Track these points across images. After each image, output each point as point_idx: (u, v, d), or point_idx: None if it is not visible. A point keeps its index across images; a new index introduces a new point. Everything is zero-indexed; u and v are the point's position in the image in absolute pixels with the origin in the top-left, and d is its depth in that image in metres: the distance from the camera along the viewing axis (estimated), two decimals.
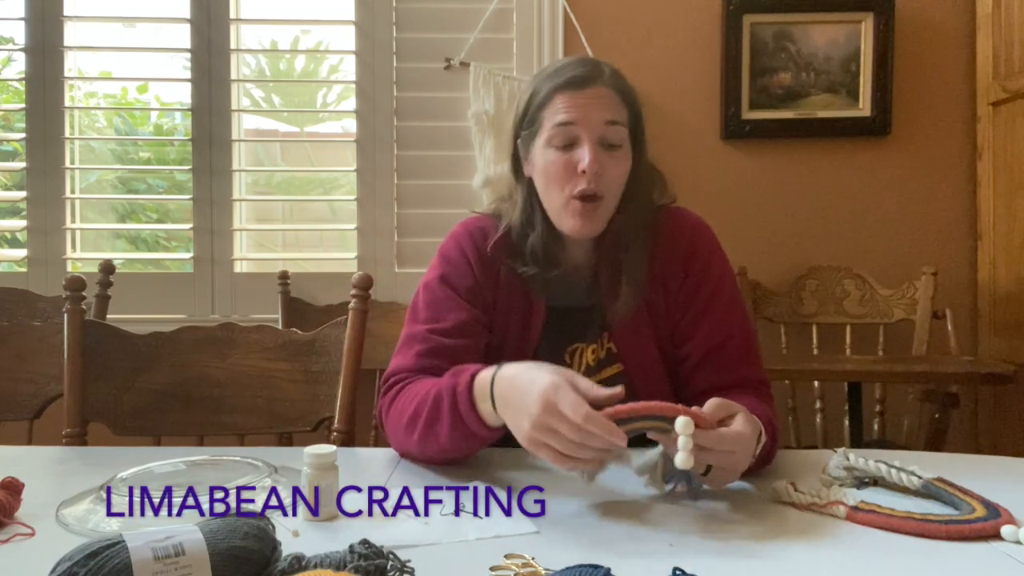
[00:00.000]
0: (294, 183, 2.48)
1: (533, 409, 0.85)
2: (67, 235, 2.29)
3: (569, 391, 0.84)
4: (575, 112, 1.07)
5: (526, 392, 0.88)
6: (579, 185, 1.08)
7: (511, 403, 0.90)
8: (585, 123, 1.07)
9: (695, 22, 2.31)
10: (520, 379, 0.90)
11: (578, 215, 1.09)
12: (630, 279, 1.12)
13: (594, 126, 1.07)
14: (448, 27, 2.28)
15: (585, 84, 1.08)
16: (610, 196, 1.11)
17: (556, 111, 1.09)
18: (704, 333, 1.13)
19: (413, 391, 1.06)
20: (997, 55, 2.20)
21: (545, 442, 0.85)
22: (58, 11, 2.26)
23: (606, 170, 1.08)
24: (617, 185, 1.11)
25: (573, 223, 1.10)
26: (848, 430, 2.00)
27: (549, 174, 1.10)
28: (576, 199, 1.08)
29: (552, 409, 0.84)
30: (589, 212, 1.09)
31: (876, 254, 2.31)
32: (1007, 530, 0.80)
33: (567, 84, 1.09)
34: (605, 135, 1.08)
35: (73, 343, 1.34)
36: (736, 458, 0.88)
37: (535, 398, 0.85)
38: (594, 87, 1.09)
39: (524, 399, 0.87)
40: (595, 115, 1.07)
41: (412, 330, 1.16)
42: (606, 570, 0.64)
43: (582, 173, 1.07)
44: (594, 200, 1.09)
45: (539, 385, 0.86)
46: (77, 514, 0.85)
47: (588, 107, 1.07)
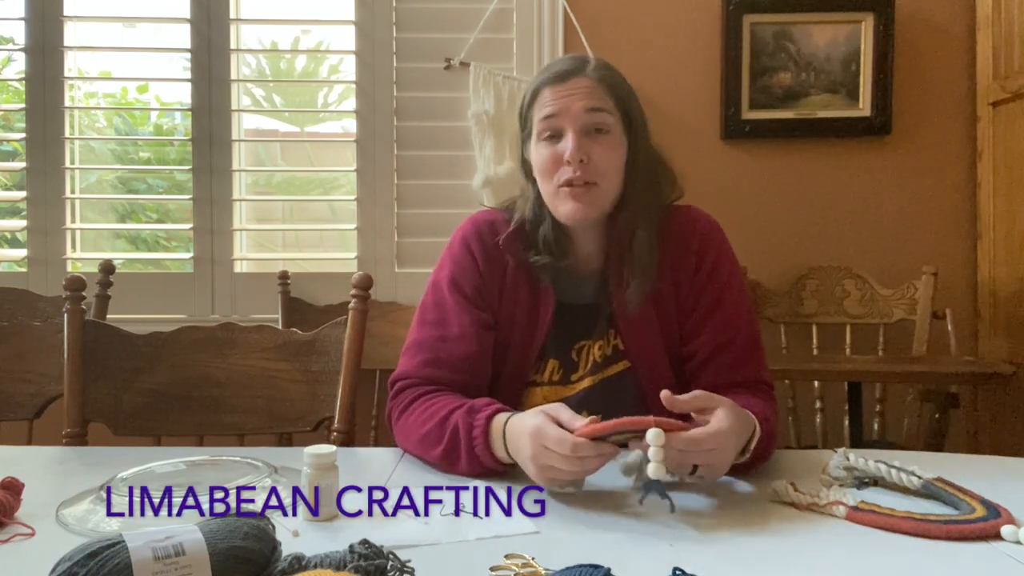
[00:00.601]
0: (294, 183, 2.48)
1: (528, 452, 0.91)
2: (67, 235, 2.29)
3: (551, 428, 0.90)
4: (557, 104, 1.11)
5: (519, 438, 0.94)
6: (565, 174, 1.11)
7: (514, 450, 0.96)
8: (566, 113, 1.11)
9: (695, 22, 2.31)
10: (514, 429, 0.96)
11: (570, 199, 1.12)
12: (637, 268, 1.13)
13: (576, 115, 1.10)
14: (448, 27, 2.28)
15: (566, 77, 1.12)
16: (605, 181, 1.12)
17: (541, 106, 1.13)
18: (711, 331, 1.14)
19: (427, 411, 1.08)
20: (997, 55, 2.20)
21: (551, 477, 0.91)
22: (58, 11, 2.26)
23: (593, 155, 1.10)
24: (610, 169, 1.12)
25: (565, 208, 1.12)
26: (848, 430, 2.00)
27: (540, 167, 1.14)
28: (564, 187, 1.11)
29: (541, 449, 0.90)
30: (581, 195, 1.11)
31: (876, 254, 2.31)
32: (1007, 530, 0.80)
33: (550, 79, 1.13)
34: (588, 123, 1.11)
35: (73, 343, 1.34)
36: (717, 455, 0.89)
37: (527, 443, 0.92)
38: (575, 79, 1.12)
39: (520, 446, 0.94)
40: (576, 104, 1.10)
41: (419, 335, 1.18)
42: (606, 570, 0.64)
43: (567, 163, 1.10)
44: (585, 186, 1.10)
45: (527, 431, 0.92)
46: (77, 514, 0.85)
47: (569, 98, 1.11)
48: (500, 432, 0.98)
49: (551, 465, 0.89)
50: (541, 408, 0.95)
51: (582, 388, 1.16)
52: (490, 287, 1.18)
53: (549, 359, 1.17)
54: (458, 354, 1.14)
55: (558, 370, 1.17)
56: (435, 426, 1.04)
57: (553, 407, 0.94)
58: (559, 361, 1.17)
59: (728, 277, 1.17)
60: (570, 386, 1.17)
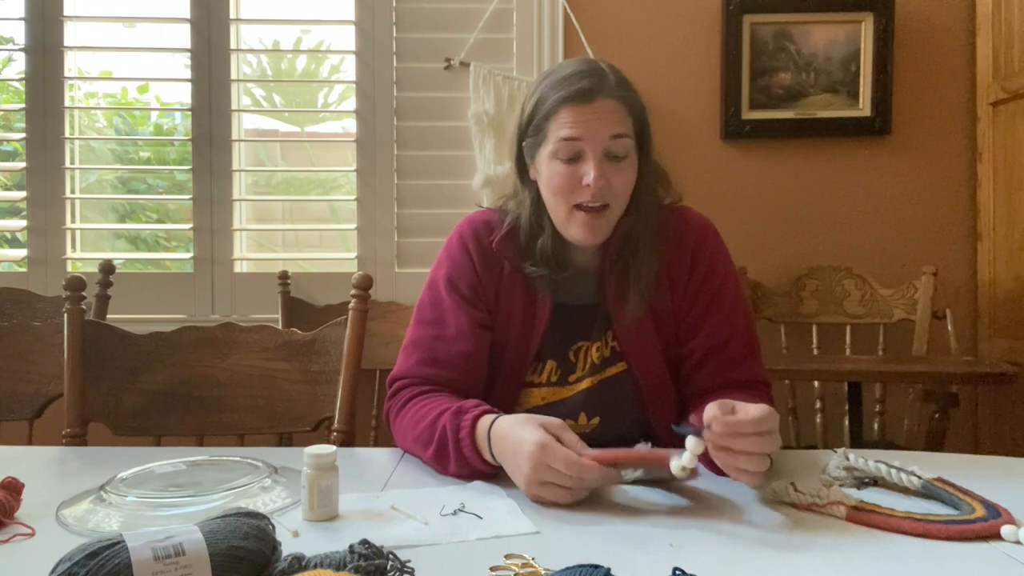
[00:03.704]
0: (294, 183, 2.48)
1: (525, 469, 0.90)
2: (67, 235, 2.29)
3: (559, 448, 0.88)
4: (580, 128, 1.07)
5: (516, 452, 0.92)
6: (582, 197, 1.09)
7: (505, 458, 0.95)
8: (591, 139, 1.08)
9: (695, 22, 2.31)
10: (508, 439, 0.94)
11: (583, 225, 1.10)
12: (638, 283, 1.13)
13: (599, 141, 1.08)
14: (448, 27, 2.28)
15: (591, 97, 1.08)
16: (615, 204, 1.12)
17: (561, 125, 1.09)
18: (706, 332, 1.14)
19: (419, 411, 1.08)
20: (997, 55, 2.20)
21: (542, 495, 0.90)
22: (58, 11, 2.26)
23: (611, 181, 1.09)
24: (623, 194, 1.12)
25: (578, 233, 1.12)
26: (848, 430, 2.00)
27: (553, 185, 1.11)
28: (579, 210, 1.10)
29: (543, 468, 0.88)
30: (593, 221, 1.10)
31: (876, 254, 2.31)
32: (1007, 530, 0.80)
33: (573, 97, 1.08)
34: (610, 149, 1.09)
35: (73, 343, 1.34)
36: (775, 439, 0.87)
37: (525, 459, 0.90)
38: (600, 100, 1.08)
39: (516, 459, 0.92)
40: (601, 130, 1.07)
41: (417, 334, 1.18)
42: (606, 570, 0.64)
43: (586, 187, 1.08)
44: (599, 210, 1.10)
45: (527, 447, 0.90)
46: (77, 514, 0.85)
47: (593, 122, 1.07)
48: (485, 434, 0.98)
49: (549, 483, 0.89)
50: (540, 422, 0.92)
51: (581, 389, 1.16)
52: (487, 287, 1.18)
53: (547, 360, 1.17)
54: (455, 353, 1.14)
55: (556, 371, 1.17)
56: (426, 427, 1.04)
57: (553, 424, 0.93)
58: (557, 362, 1.17)
59: (723, 277, 1.17)
60: (568, 387, 1.16)
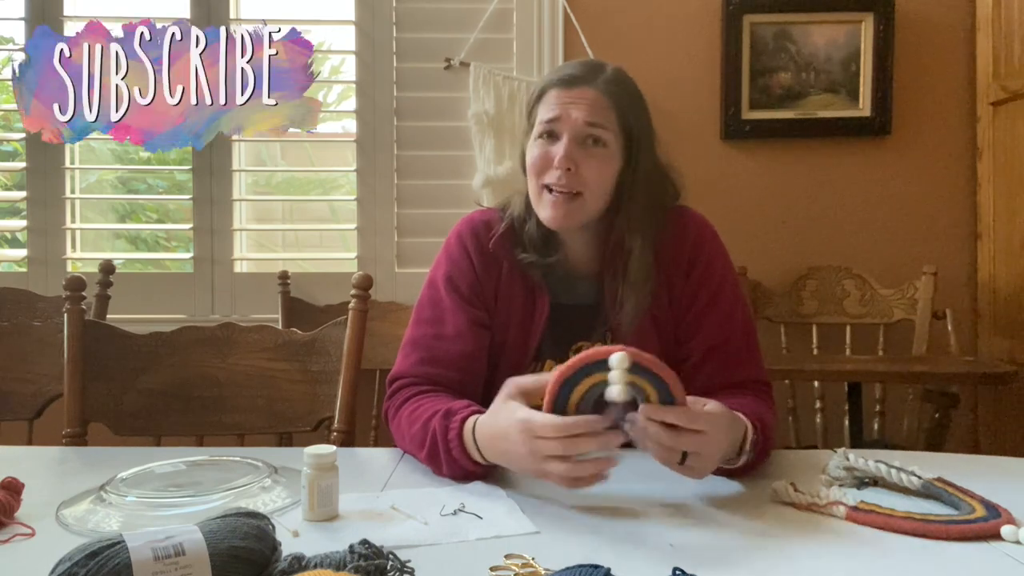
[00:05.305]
0: (294, 183, 2.48)
1: (522, 449, 0.89)
2: (67, 235, 2.29)
3: (538, 417, 0.87)
4: (559, 108, 1.11)
5: (505, 443, 0.92)
6: (551, 178, 1.11)
7: (500, 451, 0.94)
8: (566, 120, 1.11)
9: (695, 22, 2.30)
10: (495, 437, 0.94)
11: (550, 206, 1.12)
12: (634, 286, 1.12)
13: (573, 123, 1.10)
14: (448, 27, 2.28)
15: (574, 83, 1.12)
16: (589, 194, 1.12)
17: (545, 107, 1.13)
18: (705, 332, 1.14)
19: (414, 412, 1.08)
20: (997, 55, 2.20)
21: (547, 469, 0.88)
22: (58, 11, 2.26)
23: (582, 166, 1.10)
24: (595, 184, 1.12)
25: (545, 213, 1.13)
26: (848, 430, 2.00)
27: (530, 163, 1.15)
28: (547, 190, 1.12)
29: (533, 439, 0.87)
30: (562, 204, 1.11)
31: (876, 254, 2.31)
32: (1007, 530, 0.80)
33: (559, 82, 1.13)
34: (584, 134, 1.10)
35: (73, 343, 1.33)
36: (708, 441, 0.86)
37: (516, 444, 0.89)
38: (582, 87, 1.11)
39: (508, 449, 0.91)
40: (576, 114, 1.10)
41: (415, 333, 1.18)
42: (606, 570, 0.64)
43: (556, 167, 1.10)
44: (569, 195, 1.11)
45: (513, 434, 0.89)
46: (77, 514, 0.85)
47: (572, 105, 1.11)
48: (471, 439, 0.97)
49: (552, 456, 0.86)
50: (507, 396, 0.92)
51: None
52: (486, 286, 1.18)
53: (546, 359, 1.17)
54: (454, 352, 1.14)
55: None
56: (419, 429, 1.04)
57: (512, 386, 0.93)
58: (556, 361, 1.17)
59: (722, 277, 1.16)
60: None
